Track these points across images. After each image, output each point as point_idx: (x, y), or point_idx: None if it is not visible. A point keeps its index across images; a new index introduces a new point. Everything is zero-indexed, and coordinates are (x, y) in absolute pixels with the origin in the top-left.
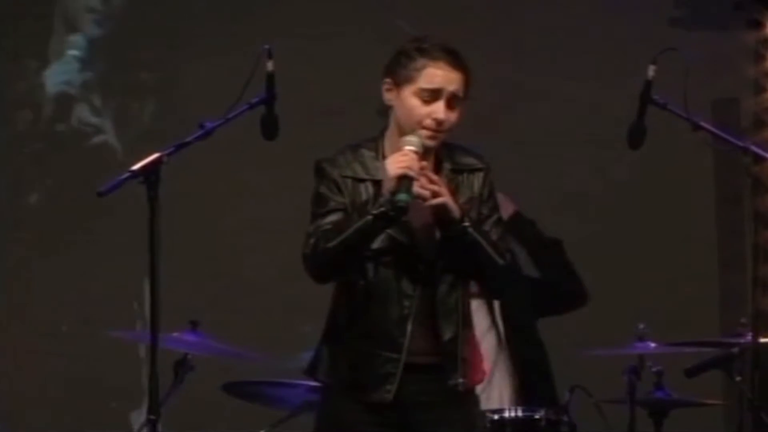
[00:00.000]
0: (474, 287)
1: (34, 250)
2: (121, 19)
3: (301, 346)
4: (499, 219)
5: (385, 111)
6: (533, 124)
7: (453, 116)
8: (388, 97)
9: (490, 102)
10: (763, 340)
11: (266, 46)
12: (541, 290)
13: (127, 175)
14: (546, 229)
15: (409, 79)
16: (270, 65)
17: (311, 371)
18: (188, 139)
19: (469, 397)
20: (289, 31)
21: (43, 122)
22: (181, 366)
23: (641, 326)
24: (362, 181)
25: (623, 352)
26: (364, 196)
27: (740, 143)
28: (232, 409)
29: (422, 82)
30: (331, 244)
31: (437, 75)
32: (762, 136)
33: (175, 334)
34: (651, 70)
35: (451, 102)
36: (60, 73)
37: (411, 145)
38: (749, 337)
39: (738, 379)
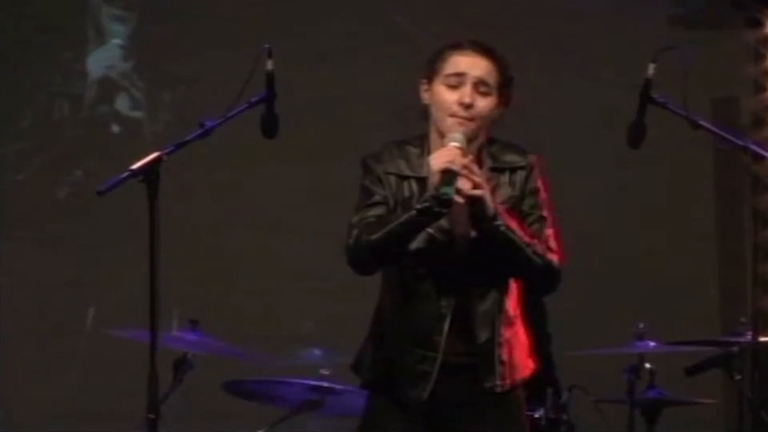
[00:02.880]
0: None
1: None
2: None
3: (301, 346)
4: (541, 217)
5: (425, 112)
6: (532, 124)
7: (483, 103)
8: (425, 96)
9: None
10: (762, 339)
11: (266, 45)
12: None
13: (126, 174)
14: None
15: (437, 71)
16: (270, 64)
17: (355, 368)
18: (188, 138)
19: (509, 397)
20: (289, 31)
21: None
22: (181, 365)
23: (641, 326)
24: (406, 178)
25: (623, 352)
26: (407, 193)
27: (740, 142)
28: (231, 407)
29: (447, 69)
30: (374, 236)
31: (461, 60)
32: (762, 134)
33: (174, 333)
34: (650, 69)
35: (479, 88)
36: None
37: (455, 141)
38: (749, 336)
39: (738, 377)
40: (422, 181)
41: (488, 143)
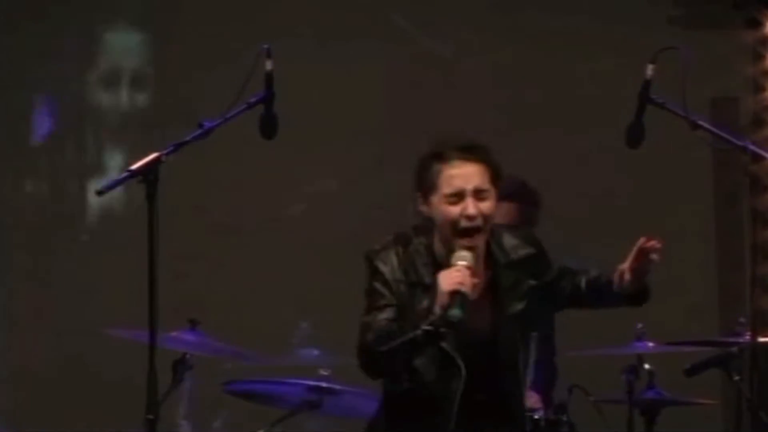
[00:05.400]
0: None
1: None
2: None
3: (301, 346)
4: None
5: (427, 220)
6: (531, 124)
7: (485, 206)
8: (423, 210)
9: (482, 99)
10: (761, 339)
11: (265, 46)
12: None
13: (126, 174)
14: (543, 229)
15: (432, 188)
16: (269, 65)
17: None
18: (187, 139)
19: None
20: (288, 31)
21: None
22: (180, 365)
23: (639, 326)
24: (414, 285)
25: (622, 352)
26: (415, 300)
27: (739, 142)
28: (231, 408)
29: (444, 188)
30: (383, 349)
31: (453, 176)
32: (761, 134)
33: (174, 334)
34: (649, 70)
35: (479, 195)
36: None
37: (463, 260)
38: (748, 337)
39: (737, 378)
40: (429, 288)
41: (492, 235)
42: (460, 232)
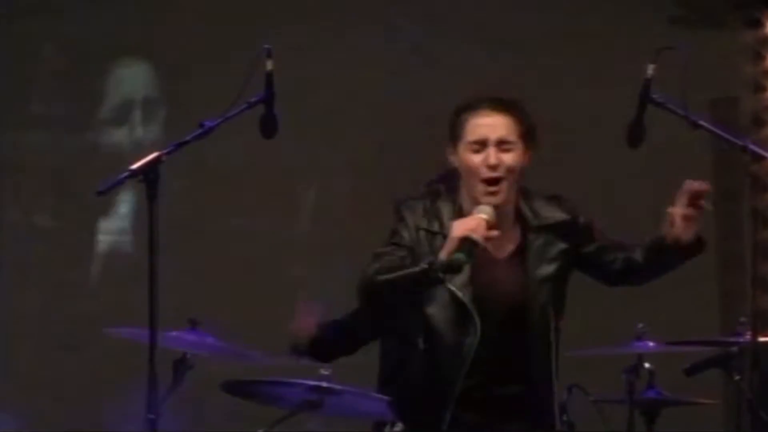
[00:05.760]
0: None
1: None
2: None
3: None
4: (602, 232)
5: (453, 172)
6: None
7: (508, 158)
8: (452, 159)
9: None
10: (762, 339)
11: (266, 46)
12: None
13: (126, 174)
14: None
15: (459, 137)
16: (269, 64)
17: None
18: (187, 138)
19: None
20: (288, 31)
21: None
22: (180, 365)
23: (640, 325)
24: (435, 234)
25: (622, 352)
26: (432, 248)
27: (739, 142)
28: (231, 407)
29: (469, 136)
30: (381, 278)
31: (479, 125)
32: (761, 134)
33: (174, 333)
34: (650, 69)
35: (502, 146)
36: None
37: (482, 212)
38: (748, 337)
39: (737, 378)
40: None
41: (524, 197)
42: (482, 181)
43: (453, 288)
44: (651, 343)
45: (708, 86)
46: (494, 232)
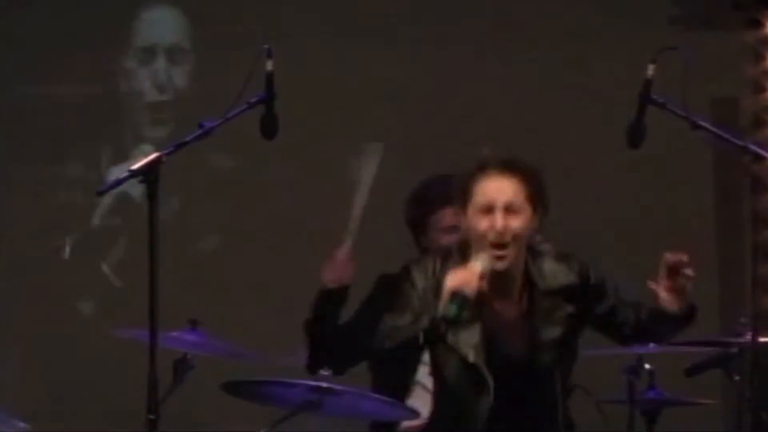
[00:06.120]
0: None
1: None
2: None
3: (301, 345)
4: (616, 290)
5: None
6: (531, 124)
7: (515, 223)
8: (462, 222)
9: (483, 99)
10: (762, 339)
11: (266, 46)
12: None
13: (126, 174)
14: (544, 229)
15: (468, 197)
16: (269, 65)
17: None
18: (187, 139)
19: None
20: (288, 31)
21: None
22: (181, 365)
23: None
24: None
25: (622, 352)
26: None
27: (739, 142)
28: (231, 408)
29: (477, 198)
30: (388, 347)
31: (488, 187)
32: (761, 134)
33: (174, 333)
34: (650, 69)
35: (510, 210)
36: None
37: (479, 263)
38: (749, 337)
39: (737, 378)
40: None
41: (533, 257)
42: (489, 245)
43: (464, 351)
44: (651, 344)
45: (708, 86)
46: (483, 284)
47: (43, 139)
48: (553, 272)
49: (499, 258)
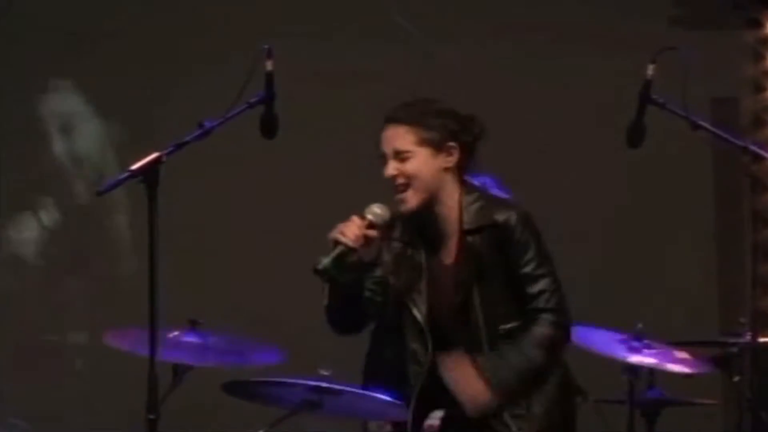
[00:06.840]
0: None
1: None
2: None
3: (301, 345)
4: (536, 276)
5: None
6: (531, 124)
7: (406, 167)
8: None
9: (483, 99)
10: (762, 339)
11: (266, 46)
12: None
13: (126, 174)
14: (544, 229)
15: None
16: (269, 65)
17: None
18: (187, 139)
19: None
20: (288, 31)
21: None
22: (181, 365)
23: (639, 326)
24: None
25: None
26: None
27: (739, 142)
28: (231, 408)
29: (379, 150)
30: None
31: (381, 139)
32: (761, 134)
33: (174, 333)
34: (650, 69)
35: (399, 156)
36: None
37: (369, 213)
38: (748, 337)
39: (736, 378)
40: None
41: (467, 195)
42: (393, 190)
43: (410, 302)
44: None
45: (708, 86)
46: (373, 233)
47: None
48: (476, 211)
49: (402, 201)
